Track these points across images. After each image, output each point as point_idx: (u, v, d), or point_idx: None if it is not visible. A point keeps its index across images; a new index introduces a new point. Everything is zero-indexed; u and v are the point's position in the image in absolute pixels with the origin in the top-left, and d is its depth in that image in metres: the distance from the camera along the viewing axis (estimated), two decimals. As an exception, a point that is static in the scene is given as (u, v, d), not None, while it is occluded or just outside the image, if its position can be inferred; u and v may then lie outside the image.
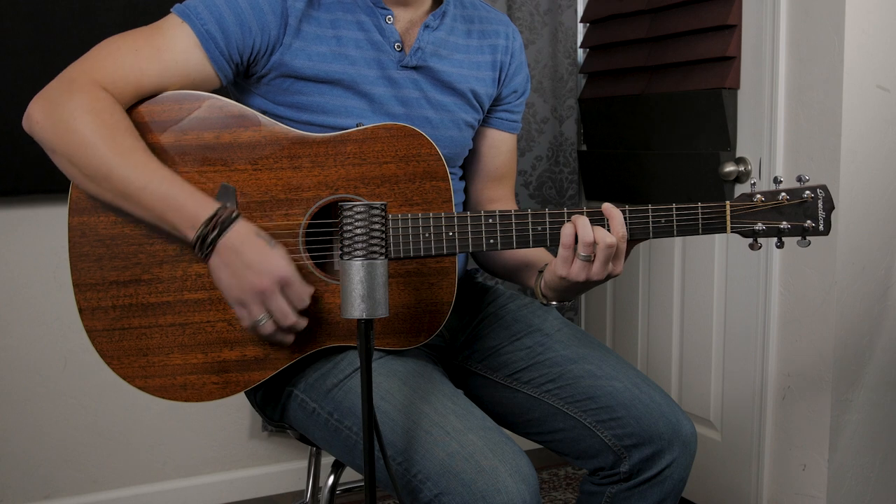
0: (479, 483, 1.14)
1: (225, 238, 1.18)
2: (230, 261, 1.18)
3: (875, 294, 1.92)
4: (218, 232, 1.18)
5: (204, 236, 1.18)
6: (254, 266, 1.18)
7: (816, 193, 1.27)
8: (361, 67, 1.34)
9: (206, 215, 1.19)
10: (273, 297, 1.19)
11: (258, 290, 1.18)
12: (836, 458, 1.93)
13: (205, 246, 1.19)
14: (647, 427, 1.34)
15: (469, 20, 1.47)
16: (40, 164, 2.03)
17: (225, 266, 1.19)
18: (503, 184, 1.56)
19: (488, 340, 1.47)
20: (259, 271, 1.18)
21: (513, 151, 1.56)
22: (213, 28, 1.27)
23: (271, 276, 1.18)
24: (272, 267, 1.18)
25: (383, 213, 1.07)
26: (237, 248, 1.18)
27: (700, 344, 2.26)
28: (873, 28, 1.84)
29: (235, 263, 1.18)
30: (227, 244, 1.18)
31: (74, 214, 1.25)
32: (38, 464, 2.28)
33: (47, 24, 2.10)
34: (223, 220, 1.19)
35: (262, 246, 1.19)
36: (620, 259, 1.24)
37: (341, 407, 1.28)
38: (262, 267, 1.18)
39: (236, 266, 1.18)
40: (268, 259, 1.18)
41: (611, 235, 1.21)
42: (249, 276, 1.18)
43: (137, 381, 1.27)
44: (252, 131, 1.27)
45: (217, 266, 1.20)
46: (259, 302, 1.19)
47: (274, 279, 1.18)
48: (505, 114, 1.53)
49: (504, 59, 1.49)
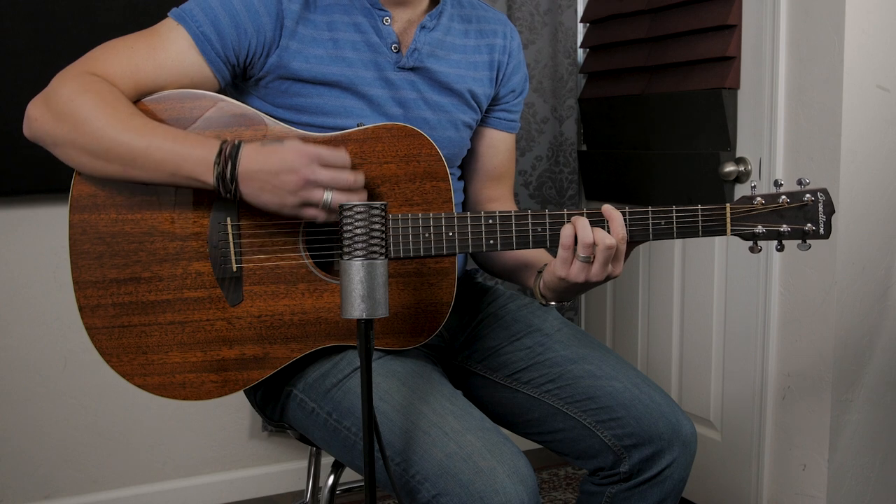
0: (478, 484, 1.14)
1: (241, 166, 1.18)
2: (260, 181, 1.18)
3: (875, 294, 1.92)
4: (232, 164, 1.18)
5: (222, 175, 1.18)
6: (282, 168, 1.17)
7: (817, 197, 1.27)
8: (359, 69, 1.34)
9: (213, 155, 1.19)
10: (317, 174, 1.18)
11: (301, 181, 1.17)
12: (836, 458, 1.93)
13: (227, 183, 1.19)
14: (647, 427, 1.34)
15: (466, 20, 1.47)
16: (40, 164, 2.03)
17: (261, 189, 1.19)
18: (502, 183, 1.56)
19: (488, 340, 1.47)
20: (290, 167, 1.17)
21: (511, 151, 1.56)
22: (209, 30, 1.27)
23: (303, 161, 1.17)
24: (297, 155, 1.18)
25: (383, 213, 1.07)
26: (258, 167, 1.18)
27: (700, 344, 2.26)
28: (873, 28, 1.84)
29: (266, 178, 1.18)
30: (246, 169, 1.18)
31: (75, 212, 1.25)
32: (38, 464, 2.28)
33: (47, 24, 2.10)
34: (230, 152, 1.19)
35: (275, 148, 1.19)
36: (620, 260, 1.24)
37: (340, 407, 1.28)
38: (289, 163, 1.17)
39: (268, 180, 1.18)
40: (288, 154, 1.18)
41: (610, 237, 1.21)
42: (285, 178, 1.17)
43: (136, 379, 1.28)
44: (253, 130, 1.27)
45: (254, 194, 1.19)
46: (311, 188, 1.18)
47: (306, 163, 1.17)
48: (503, 113, 1.53)
49: (502, 58, 1.49)
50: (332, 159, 1.20)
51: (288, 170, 1.17)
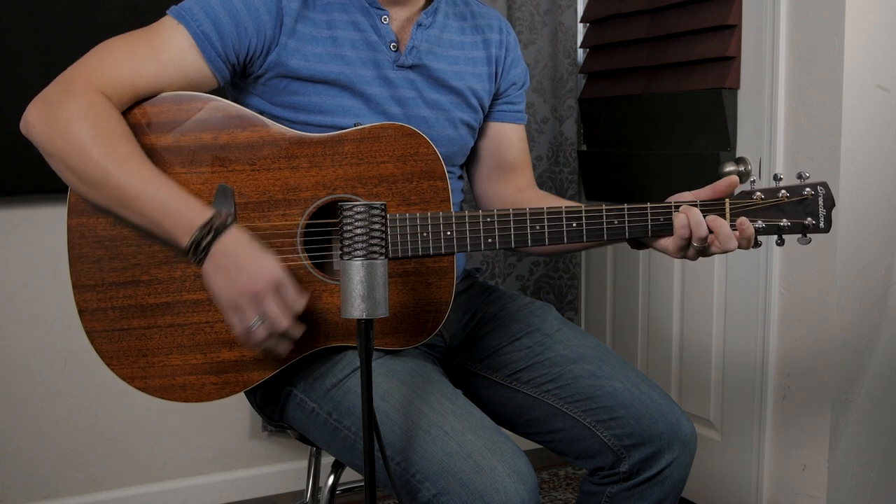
0: (478, 483, 1.14)
1: (219, 243, 1.17)
2: (224, 265, 1.18)
3: (875, 294, 1.92)
4: (212, 237, 1.17)
5: (198, 241, 1.17)
6: (247, 269, 1.17)
7: (817, 191, 1.27)
8: (357, 68, 1.34)
9: (201, 221, 1.18)
10: (267, 300, 1.17)
11: (252, 292, 1.16)
12: (836, 458, 1.93)
13: (199, 251, 1.18)
14: (647, 427, 1.34)
15: (461, 17, 1.47)
16: (40, 164, 2.03)
17: (219, 270, 1.18)
18: (523, 173, 1.57)
19: (488, 340, 1.47)
20: (253, 274, 1.16)
21: (524, 141, 1.57)
22: (209, 28, 1.27)
23: (265, 279, 1.16)
24: (266, 270, 1.17)
25: (383, 212, 1.07)
26: (231, 253, 1.17)
27: (700, 344, 2.26)
28: (873, 28, 1.83)
29: (229, 267, 1.17)
30: (221, 249, 1.18)
31: (73, 216, 1.25)
32: (38, 464, 2.29)
33: (47, 24, 2.10)
34: (218, 225, 1.18)
35: (255, 250, 1.18)
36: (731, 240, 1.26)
37: (340, 407, 1.28)
38: (256, 270, 1.17)
39: (230, 270, 1.17)
40: (262, 263, 1.17)
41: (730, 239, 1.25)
42: (243, 279, 1.17)
43: (137, 382, 1.27)
44: (250, 132, 1.27)
45: (211, 271, 1.19)
46: (252, 305, 1.17)
47: (268, 282, 1.17)
48: (508, 105, 1.53)
49: (499, 52, 1.49)
50: (290, 298, 1.18)
51: (250, 275, 1.16)
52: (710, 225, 1.25)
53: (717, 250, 1.26)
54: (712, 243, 1.26)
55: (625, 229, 1.27)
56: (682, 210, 1.25)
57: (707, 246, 1.26)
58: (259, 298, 1.17)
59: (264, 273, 1.17)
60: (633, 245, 1.36)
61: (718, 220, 1.25)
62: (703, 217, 1.25)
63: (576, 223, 1.26)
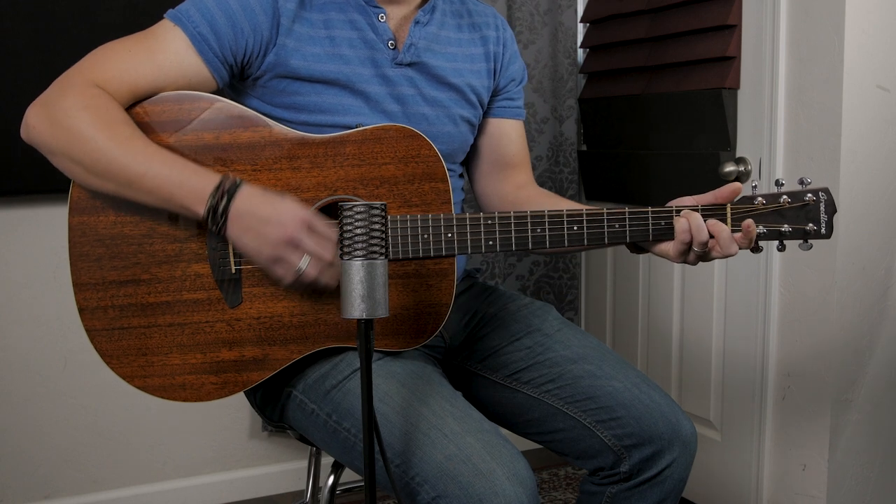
0: (477, 486, 1.14)
1: (235, 204, 1.18)
2: (248, 223, 1.18)
3: (875, 294, 1.92)
4: (227, 200, 1.18)
5: (214, 207, 1.18)
6: (273, 219, 1.18)
7: (818, 196, 1.27)
8: (356, 66, 1.34)
9: (211, 187, 1.19)
10: (303, 239, 1.18)
11: (287, 237, 1.17)
12: (836, 458, 1.93)
13: (217, 216, 1.19)
14: (647, 427, 1.34)
15: (458, 14, 1.48)
16: (40, 164, 2.03)
17: (245, 230, 1.19)
18: (523, 170, 1.57)
19: (488, 341, 1.47)
20: (280, 221, 1.17)
21: (523, 138, 1.57)
22: (205, 30, 1.27)
23: (294, 222, 1.17)
24: (291, 213, 1.18)
25: (383, 213, 1.07)
26: (250, 210, 1.18)
27: (700, 344, 2.26)
28: (873, 28, 1.83)
29: (254, 223, 1.18)
30: (238, 209, 1.18)
31: (74, 214, 1.25)
32: (38, 464, 2.29)
33: (47, 24, 2.10)
34: (229, 187, 1.19)
35: (273, 199, 1.19)
36: (731, 245, 1.26)
37: (340, 408, 1.28)
38: (283, 216, 1.17)
39: (255, 226, 1.18)
40: (284, 208, 1.18)
41: (732, 244, 1.25)
42: (273, 230, 1.17)
43: (137, 381, 1.28)
44: (251, 132, 1.27)
45: (237, 234, 1.19)
46: (292, 249, 1.18)
47: (298, 223, 1.18)
48: (507, 101, 1.53)
49: (497, 49, 1.49)
50: (322, 230, 1.20)
51: (278, 222, 1.17)
52: (710, 230, 1.25)
53: (718, 255, 1.26)
54: (713, 248, 1.26)
55: (626, 233, 1.27)
56: (683, 214, 1.25)
57: (708, 251, 1.26)
58: (296, 241, 1.18)
59: (291, 216, 1.18)
60: (632, 250, 1.36)
61: (719, 225, 1.25)
62: (704, 221, 1.25)
63: (577, 227, 1.26)
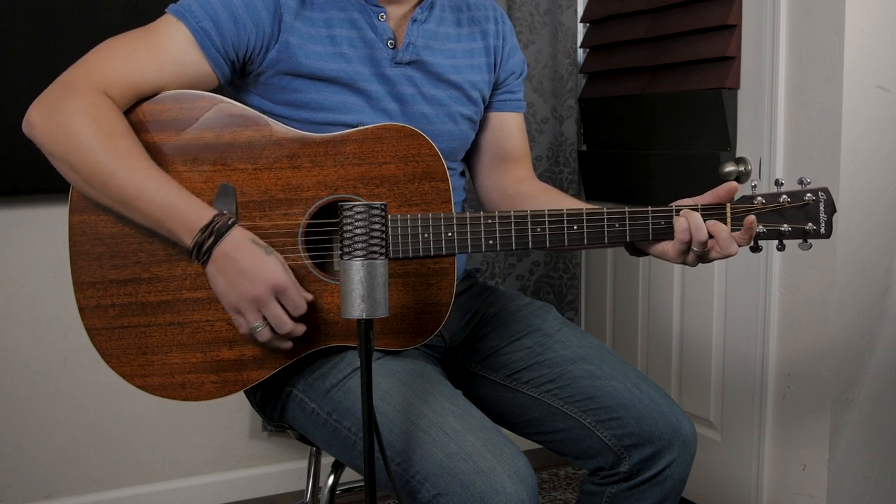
0: (478, 484, 1.14)
1: (221, 246, 1.18)
2: (226, 268, 1.18)
3: (875, 294, 1.92)
4: (214, 239, 1.18)
5: (200, 244, 1.18)
6: (248, 273, 1.17)
7: (818, 196, 1.27)
8: (356, 65, 1.34)
9: (203, 222, 1.18)
10: (268, 304, 1.18)
11: (253, 297, 1.18)
12: (836, 458, 1.93)
13: (201, 253, 1.19)
14: (647, 427, 1.34)
15: (457, 9, 1.47)
16: (40, 164, 2.03)
17: (221, 273, 1.19)
18: (522, 164, 1.56)
19: (488, 340, 1.47)
20: (254, 278, 1.17)
21: (523, 131, 1.57)
22: (208, 25, 1.27)
23: (266, 284, 1.17)
24: (267, 274, 1.18)
25: (383, 213, 1.07)
26: (232, 256, 1.18)
27: (700, 344, 2.26)
28: (873, 28, 1.83)
29: (231, 271, 1.18)
30: (222, 252, 1.18)
31: (75, 213, 1.25)
32: (38, 464, 2.28)
33: (47, 24, 2.10)
34: (219, 227, 1.18)
35: (257, 253, 1.19)
36: (731, 246, 1.26)
37: (340, 407, 1.28)
38: (257, 274, 1.17)
39: (232, 273, 1.18)
40: (263, 266, 1.18)
41: (730, 245, 1.25)
42: (244, 284, 1.18)
43: (136, 380, 1.28)
44: (252, 131, 1.27)
45: (213, 273, 1.20)
46: (255, 309, 1.19)
47: (268, 286, 1.18)
48: (507, 94, 1.53)
49: (496, 43, 1.49)
50: (291, 302, 1.20)
51: (251, 280, 1.17)
52: (710, 230, 1.25)
53: (717, 255, 1.26)
54: (712, 248, 1.26)
55: (626, 232, 1.27)
56: (682, 214, 1.25)
57: (707, 251, 1.26)
58: (261, 303, 1.18)
59: (265, 277, 1.17)
60: (631, 252, 1.36)
61: (719, 225, 1.25)
62: (703, 221, 1.25)
63: (577, 226, 1.26)
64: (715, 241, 1.25)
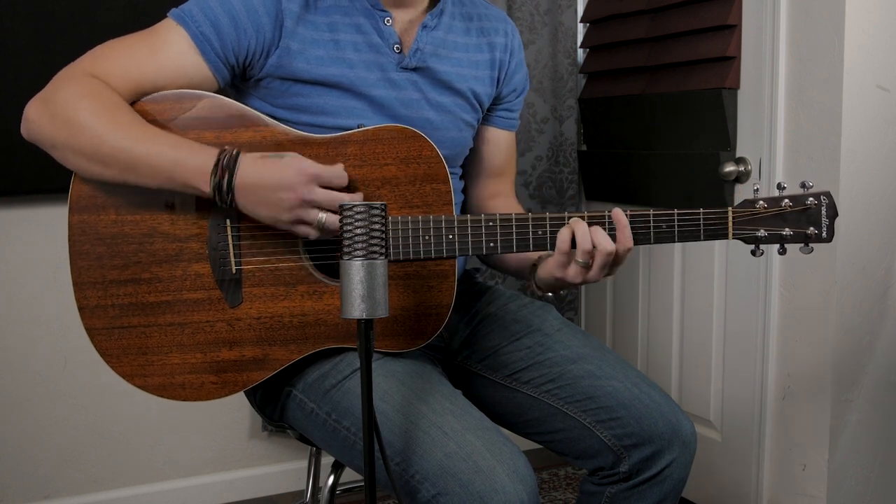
0: (477, 483, 1.14)
1: (238, 177, 1.18)
2: (256, 194, 1.19)
3: (875, 294, 1.92)
4: (229, 175, 1.18)
5: (219, 185, 1.18)
6: (278, 185, 1.18)
7: (820, 200, 1.26)
8: (360, 70, 1.34)
9: (211, 164, 1.19)
10: (314, 193, 1.18)
11: (297, 200, 1.18)
12: (836, 458, 1.93)
13: (224, 194, 1.19)
14: (647, 427, 1.34)
15: (468, 18, 1.47)
16: (40, 164, 2.03)
17: (256, 202, 1.19)
18: (503, 179, 1.57)
19: (488, 340, 1.47)
20: (287, 185, 1.17)
21: (512, 147, 1.57)
22: (208, 30, 1.27)
23: (300, 181, 1.18)
24: (295, 174, 1.18)
25: (383, 213, 1.08)
26: (255, 181, 1.18)
27: (700, 344, 2.26)
28: (873, 28, 1.83)
29: (262, 193, 1.18)
30: (243, 182, 1.18)
31: (75, 213, 1.25)
32: (38, 464, 2.29)
33: (47, 24, 2.10)
34: (227, 162, 1.19)
35: (274, 163, 1.19)
36: (619, 264, 1.24)
37: (340, 407, 1.28)
38: (286, 180, 1.17)
39: (264, 195, 1.18)
40: (287, 170, 1.18)
41: (611, 243, 1.20)
42: (282, 195, 1.18)
43: (136, 380, 1.28)
44: (253, 131, 1.27)
45: (248, 205, 1.20)
46: (307, 207, 1.19)
47: (303, 182, 1.18)
48: (504, 112, 1.53)
49: (503, 57, 1.49)
50: (330, 179, 1.20)
51: (285, 187, 1.18)
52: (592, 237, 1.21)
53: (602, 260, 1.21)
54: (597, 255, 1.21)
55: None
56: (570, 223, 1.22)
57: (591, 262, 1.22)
58: (308, 199, 1.18)
59: (295, 178, 1.18)
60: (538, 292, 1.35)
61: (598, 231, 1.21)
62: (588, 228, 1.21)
63: None
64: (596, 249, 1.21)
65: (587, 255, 1.21)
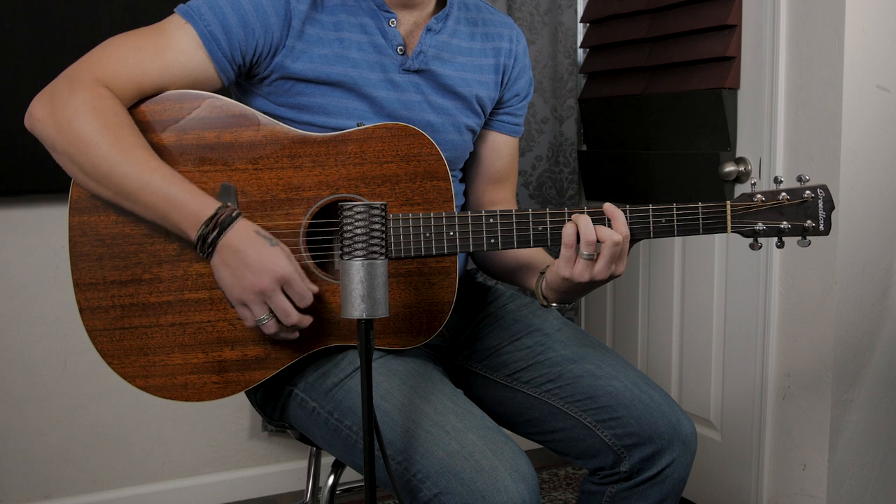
0: (479, 482, 1.14)
1: (225, 238, 1.18)
2: (230, 261, 1.19)
3: (875, 294, 1.92)
4: (218, 232, 1.18)
5: (205, 236, 1.18)
6: (253, 266, 1.18)
7: (817, 193, 1.27)
8: (363, 70, 1.34)
9: (207, 214, 1.19)
10: (274, 296, 1.19)
11: (258, 289, 1.18)
12: (836, 458, 1.93)
13: (206, 246, 1.19)
14: (647, 427, 1.34)
15: (473, 22, 1.47)
16: (40, 164, 2.03)
17: (225, 266, 1.19)
18: (505, 186, 1.56)
19: (488, 340, 1.48)
20: (258, 270, 1.18)
21: (514, 154, 1.56)
22: (216, 29, 1.27)
23: (271, 276, 1.18)
24: (272, 266, 1.18)
25: (383, 213, 1.08)
26: (237, 248, 1.18)
27: (700, 344, 2.26)
28: (873, 28, 1.84)
29: (235, 263, 1.18)
30: (227, 244, 1.18)
31: (75, 214, 1.25)
32: (38, 464, 2.28)
33: (47, 24, 2.10)
34: (223, 219, 1.19)
35: (262, 245, 1.19)
36: (624, 258, 1.24)
37: (341, 406, 1.28)
38: (262, 266, 1.18)
39: (236, 266, 1.18)
40: (268, 258, 1.18)
41: (616, 234, 1.21)
42: (249, 276, 1.18)
43: (138, 381, 1.28)
44: (253, 131, 1.27)
45: (218, 266, 1.20)
46: (260, 301, 1.19)
47: (273, 278, 1.18)
48: (507, 117, 1.52)
49: (507, 62, 1.48)
50: (296, 293, 1.20)
51: (255, 271, 1.18)
52: (598, 234, 1.21)
53: (609, 252, 1.22)
54: (603, 249, 1.22)
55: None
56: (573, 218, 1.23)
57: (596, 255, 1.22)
58: (266, 295, 1.18)
59: (271, 269, 1.18)
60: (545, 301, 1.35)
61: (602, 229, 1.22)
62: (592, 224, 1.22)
63: None
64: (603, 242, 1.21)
65: (592, 247, 1.21)
